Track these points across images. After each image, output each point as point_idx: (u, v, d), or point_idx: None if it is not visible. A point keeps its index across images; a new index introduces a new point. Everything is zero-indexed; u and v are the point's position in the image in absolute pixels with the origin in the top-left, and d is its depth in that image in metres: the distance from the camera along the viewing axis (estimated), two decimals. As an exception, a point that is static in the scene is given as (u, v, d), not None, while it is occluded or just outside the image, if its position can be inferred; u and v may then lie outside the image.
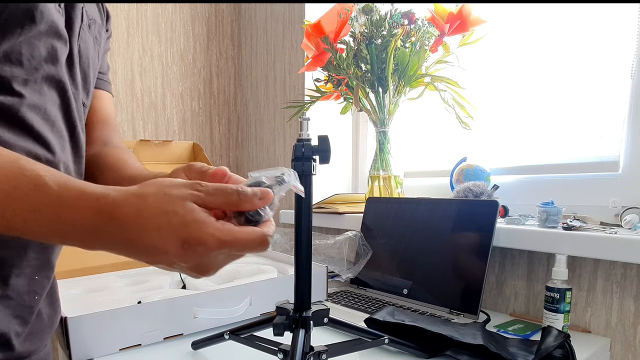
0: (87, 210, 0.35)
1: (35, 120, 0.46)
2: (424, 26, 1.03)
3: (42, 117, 0.47)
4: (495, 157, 1.11)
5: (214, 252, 0.36)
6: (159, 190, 0.36)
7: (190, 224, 0.35)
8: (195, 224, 0.35)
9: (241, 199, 0.38)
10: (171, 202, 0.36)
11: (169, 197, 0.36)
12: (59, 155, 0.49)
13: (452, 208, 0.93)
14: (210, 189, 0.37)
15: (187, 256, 0.36)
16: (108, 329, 0.65)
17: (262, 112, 1.70)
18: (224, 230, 0.36)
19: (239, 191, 0.38)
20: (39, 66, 0.46)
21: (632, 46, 0.87)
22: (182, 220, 0.35)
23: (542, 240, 0.82)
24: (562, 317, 0.75)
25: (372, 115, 1.13)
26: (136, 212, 0.35)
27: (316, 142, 0.56)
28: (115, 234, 0.35)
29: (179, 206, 0.35)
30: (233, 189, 0.38)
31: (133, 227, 0.35)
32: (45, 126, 0.48)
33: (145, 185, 0.37)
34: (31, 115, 0.46)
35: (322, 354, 0.56)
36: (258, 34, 1.69)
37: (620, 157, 0.89)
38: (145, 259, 0.37)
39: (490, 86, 1.12)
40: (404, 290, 0.96)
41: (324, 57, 1.08)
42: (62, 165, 0.50)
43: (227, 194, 0.37)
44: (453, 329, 0.69)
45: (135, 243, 0.35)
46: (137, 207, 0.35)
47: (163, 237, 0.35)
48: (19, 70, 0.44)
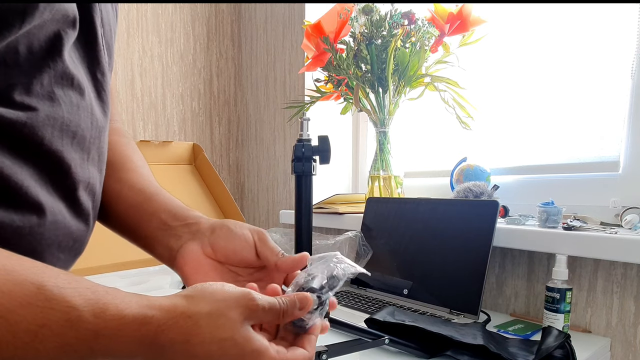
0: (127, 340, 0.30)
1: (47, 137, 0.37)
2: (424, 26, 1.03)
3: (59, 130, 0.38)
4: (495, 157, 1.11)
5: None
6: (214, 310, 0.33)
7: (248, 355, 0.33)
8: (253, 354, 0.33)
9: (285, 314, 0.37)
10: (229, 328, 0.33)
11: (225, 320, 0.33)
12: (78, 175, 0.41)
13: (452, 208, 0.93)
14: (265, 305, 0.35)
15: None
16: (108, 329, 0.64)
17: (262, 112, 1.70)
18: (278, 358, 0.35)
19: (285, 310, 0.36)
20: (42, 64, 0.37)
21: (632, 46, 0.87)
22: (241, 352, 0.33)
23: (542, 240, 0.81)
24: (563, 317, 0.75)
25: (372, 116, 1.13)
26: (184, 338, 0.32)
27: (316, 143, 0.56)
28: (156, 358, 0.32)
29: (237, 333, 0.33)
30: (282, 306, 0.36)
31: (178, 353, 0.32)
32: (63, 141, 0.39)
33: (196, 300, 0.33)
34: (43, 132, 0.37)
35: (322, 354, 0.56)
36: (258, 34, 1.69)
37: (620, 157, 0.89)
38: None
39: (490, 86, 1.12)
40: (404, 290, 0.95)
41: (324, 58, 1.08)
42: (82, 185, 0.42)
43: (277, 311, 0.36)
44: (453, 329, 0.69)
45: None
46: (186, 331, 0.32)
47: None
48: (17, 73, 0.35)
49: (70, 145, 0.40)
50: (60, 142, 0.39)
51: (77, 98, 0.40)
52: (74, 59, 0.41)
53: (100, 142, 0.45)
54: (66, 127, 0.39)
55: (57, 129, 0.38)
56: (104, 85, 0.45)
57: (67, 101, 0.39)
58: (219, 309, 0.33)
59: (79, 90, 0.41)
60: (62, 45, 0.38)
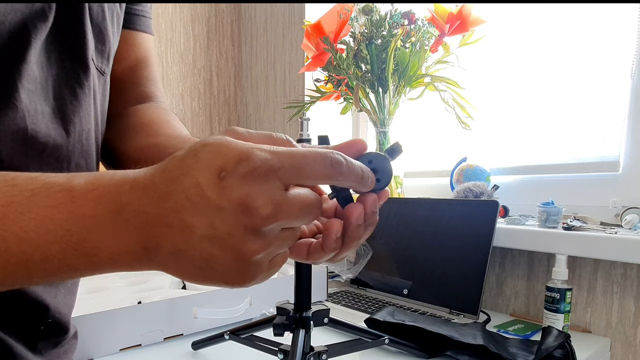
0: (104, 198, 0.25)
1: (6, 150, 0.32)
2: (424, 26, 1.03)
3: (21, 142, 0.33)
4: (495, 157, 1.11)
5: (264, 177, 0.24)
6: (169, 164, 0.26)
7: (223, 146, 0.24)
8: (233, 143, 0.24)
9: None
10: (192, 175, 0.24)
11: (189, 162, 0.25)
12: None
13: (452, 208, 0.93)
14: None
15: (226, 189, 0.23)
16: (108, 329, 0.65)
17: (262, 112, 1.70)
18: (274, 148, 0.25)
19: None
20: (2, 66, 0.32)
21: (632, 46, 0.87)
22: (216, 149, 0.24)
23: (542, 240, 0.81)
24: (563, 317, 0.75)
25: (372, 116, 1.13)
26: (161, 169, 0.25)
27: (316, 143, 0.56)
28: (139, 203, 0.25)
29: (202, 177, 0.24)
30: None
31: (157, 179, 0.25)
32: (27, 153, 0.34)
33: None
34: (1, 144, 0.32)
35: (322, 354, 0.56)
36: (258, 34, 1.69)
37: (620, 157, 0.89)
38: (171, 207, 0.24)
39: (490, 86, 1.12)
40: (404, 290, 0.95)
41: (324, 57, 1.08)
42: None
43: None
44: (453, 329, 0.69)
45: (158, 195, 0.24)
46: (161, 166, 0.26)
47: (191, 171, 0.24)
48: None
49: (38, 158, 0.35)
50: (21, 156, 0.34)
51: (42, 105, 0.36)
52: (44, 58, 0.36)
53: (85, 147, 0.41)
54: (30, 138, 0.34)
55: (19, 141, 0.33)
56: (85, 80, 0.41)
57: (32, 109, 0.35)
58: (177, 156, 0.25)
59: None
60: (29, 42, 0.33)
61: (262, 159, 0.24)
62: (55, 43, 0.37)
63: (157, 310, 0.70)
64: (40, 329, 0.43)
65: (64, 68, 0.39)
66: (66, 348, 0.49)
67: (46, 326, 0.43)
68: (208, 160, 0.24)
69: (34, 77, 0.35)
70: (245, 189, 0.23)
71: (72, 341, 0.50)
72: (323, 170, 0.25)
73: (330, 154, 0.26)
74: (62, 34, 0.38)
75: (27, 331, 0.42)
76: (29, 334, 0.42)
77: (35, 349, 0.43)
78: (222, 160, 0.23)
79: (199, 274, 0.26)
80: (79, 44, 0.40)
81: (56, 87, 0.38)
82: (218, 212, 0.23)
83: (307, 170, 0.25)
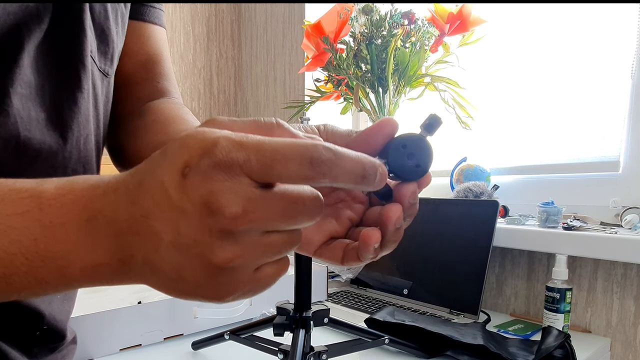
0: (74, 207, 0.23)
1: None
2: (424, 26, 1.03)
3: (14, 148, 0.32)
4: (495, 157, 1.11)
5: (227, 171, 0.20)
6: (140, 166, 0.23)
7: (190, 138, 0.21)
8: (201, 134, 0.21)
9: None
10: (158, 176, 0.22)
11: (153, 164, 0.23)
12: None
13: (452, 208, 0.93)
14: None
15: (188, 188, 0.20)
16: (108, 329, 0.65)
17: (262, 112, 1.70)
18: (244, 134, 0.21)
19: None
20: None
21: (632, 46, 0.87)
22: (183, 142, 0.21)
23: (542, 240, 0.81)
24: (563, 317, 0.75)
25: (372, 116, 1.13)
26: (134, 169, 0.23)
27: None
28: (111, 208, 0.22)
29: (167, 177, 0.21)
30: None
31: (129, 181, 0.23)
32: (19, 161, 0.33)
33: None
34: None
35: (322, 354, 0.56)
36: (258, 34, 1.69)
37: (620, 157, 0.89)
38: (139, 211, 0.22)
39: (490, 86, 1.12)
40: (404, 290, 0.95)
41: (324, 57, 1.08)
42: None
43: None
44: (453, 329, 0.69)
45: (128, 198, 0.22)
46: (136, 166, 0.23)
47: (157, 170, 0.21)
48: None
49: (32, 165, 0.34)
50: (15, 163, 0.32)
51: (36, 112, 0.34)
52: (40, 62, 0.35)
53: (82, 153, 0.40)
54: (23, 144, 0.32)
55: (11, 148, 0.32)
56: (85, 83, 0.39)
57: (25, 115, 0.33)
58: (152, 155, 0.22)
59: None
60: (22, 46, 0.31)
61: (225, 151, 0.20)
62: (53, 46, 0.36)
63: (157, 310, 0.70)
64: (36, 335, 0.42)
65: (62, 72, 0.37)
66: (64, 353, 0.48)
67: (42, 332, 0.42)
68: (174, 156, 0.21)
69: (28, 82, 0.34)
70: (208, 186, 0.20)
71: (71, 346, 0.50)
72: (299, 171, 0.20)
73: (314, 148, 0.20)
74: (60, 36, 0.36)
75: (22, 337, 0.41)
76: (24, 340, 0.41)
77: (31, 354, 0.42)
78: (187, 155, 0.20)
79: (174, 287, 0.23)
80: (78, 46, 0.38)
81: (53, 91, 0.36)
82: (182, 215, 0.20)
83: (279, 169, 0.20)
